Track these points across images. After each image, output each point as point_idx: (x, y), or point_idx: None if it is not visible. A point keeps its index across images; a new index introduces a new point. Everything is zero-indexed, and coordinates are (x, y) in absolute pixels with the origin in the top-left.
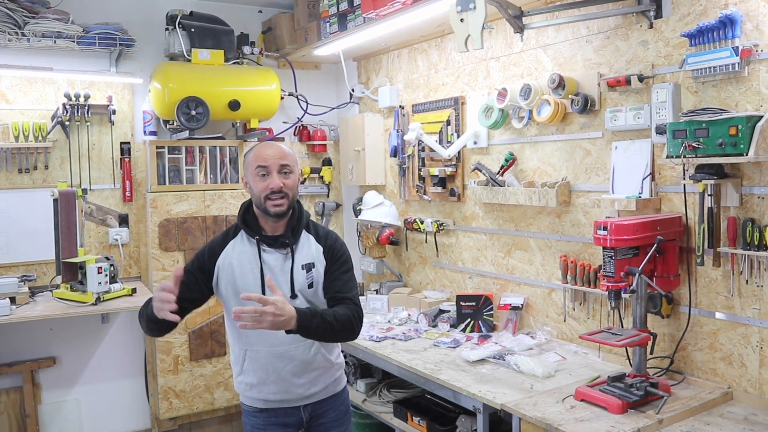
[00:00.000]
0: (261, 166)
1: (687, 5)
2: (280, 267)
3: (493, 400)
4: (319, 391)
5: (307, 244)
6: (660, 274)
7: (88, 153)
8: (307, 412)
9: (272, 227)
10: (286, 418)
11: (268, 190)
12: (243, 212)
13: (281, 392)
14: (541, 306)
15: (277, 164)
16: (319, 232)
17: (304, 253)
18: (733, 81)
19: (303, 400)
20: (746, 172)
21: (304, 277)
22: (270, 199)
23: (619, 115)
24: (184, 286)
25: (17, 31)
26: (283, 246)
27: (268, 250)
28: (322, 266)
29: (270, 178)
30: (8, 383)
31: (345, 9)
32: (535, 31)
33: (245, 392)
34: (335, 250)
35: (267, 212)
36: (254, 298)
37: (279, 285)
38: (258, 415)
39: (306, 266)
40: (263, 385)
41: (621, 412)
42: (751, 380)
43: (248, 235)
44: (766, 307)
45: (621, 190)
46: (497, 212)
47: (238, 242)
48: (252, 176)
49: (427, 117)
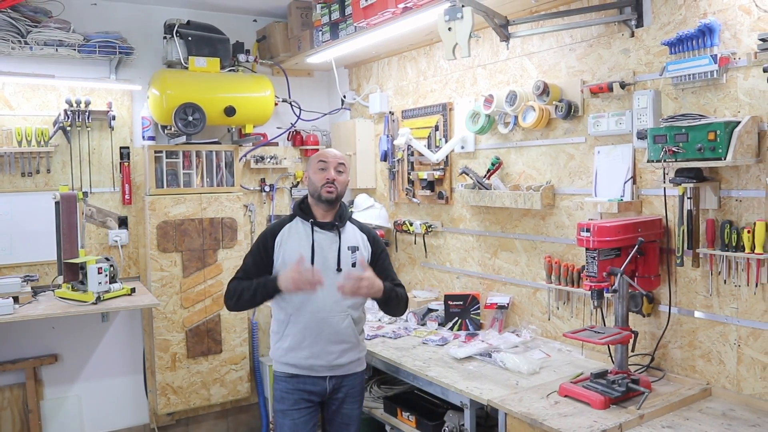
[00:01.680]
0: (322, 161)
1: (667, 15)
2: (329, 246)
3: (479, 396)
4: (344, 364)
5: (352, 231)
6: (641, 275)
7: (89, 157)
8: (331, 384)
9: (323, 214)
10: (312, 386)
11: (324, 180)
12: (299, 203)
13: (312, 357)
14: (526, 305)
15: (335, 162)
16: (361, 224)
17: (350, 237)
18: (712, 88)
19: (329, 370)
20: (724, 176)
21: (349, 257)
22: (325, 187)
23: (601, 121)
24: (259, 267)
25: (20, 39)
26: (332, 228)
27: (320, 231)
28: (366, 251)
29: (327, 171)
30: (11, 380)
31: (337, 18)
32: (520, 40)
33: (280, 358)
34: (377, 239)
35: (320, 198)
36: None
37: (326, 260)
38: (288, 380)
39: (351, 248)
40: (298, 349)
41: (603, 407)
42: (729, 377)
43: (303, 219)
44: (743, 306)
45: (603, 193)
46: (484, 214)
47: (293, 225)
48: (313, 170)
49: (416, 122)
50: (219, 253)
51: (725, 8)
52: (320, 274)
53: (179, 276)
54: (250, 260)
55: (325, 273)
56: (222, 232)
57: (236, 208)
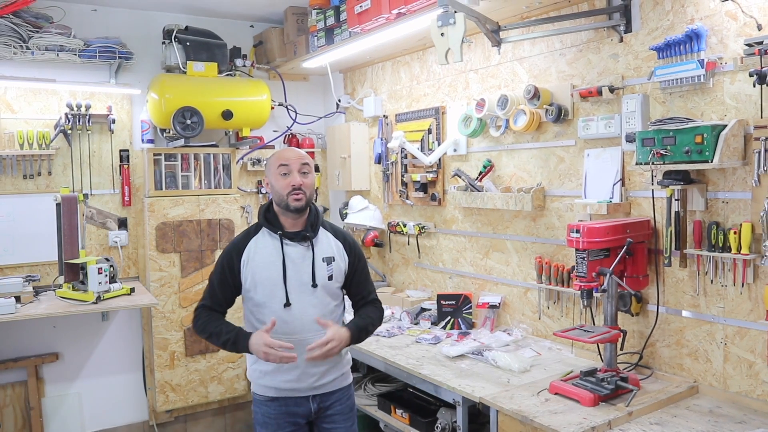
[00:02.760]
0: (283, 164)
1: (655, 20)
2: (301, 259)
3: (471, 394)
4: (328, 382)
5: (326, 240)
6: (630, 275)
7: (89, 160)
8: (315, 403)
9: (292, 224)
10: (296, 407)
11: (290, 187)
12: (264, 212)
13: (293, 381)
14: (517, 304)
15: (297, 164)
16: (335, 229)
17: (324, 247)
18: (699, 92)
19: (313, 390)
20: (711, 178)
21: (324, 269)
22: (291, 195)
23: (591, 124)
24: (224, 287)
25: (22, 44)
26: (304, 239)
27: (290, 244)
28: (343, 261)
29: (291, 176)
30: (13, 377)
31: (332, 24)
32: (511, 45)
33: (258, 380)
34: (356, 247)
35: (288, 207)
36: (315, 346)
37: (300, 275)
38: (269, 404)
39: (326, 259)
40: (277, 372)
41: (593, 404)
42: (716, 375)
43: (270, 231)
44: (729, 305)
45: (593, 195)
46: (476, 216)
47: (260, 239)
48: (274, 176)
49: (410, 126)
50: (216, 254)
51: (712, 14)
52: (293, 353)
53: (178, 276)
54: (216, 282)
55: (300, 289)
56: (219, 233)
57: (233, 210)
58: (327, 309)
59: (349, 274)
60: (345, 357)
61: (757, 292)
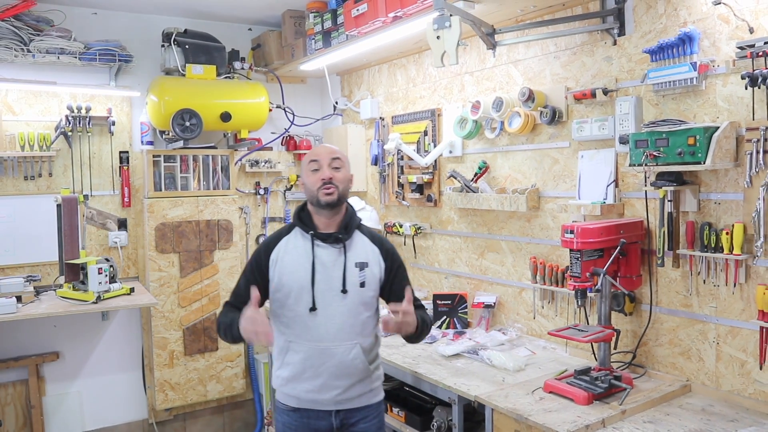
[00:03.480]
0: (313, 161)
1: (648, 23)
2: (332, 262)
3: (467, 392)
4: (353, 397)
5: (361, 244)
6: (623, 275)
7: (89, 161)
8: (338, 419)
9: (326, 224)
10: (317, 420)
11: (320, 182)
12: (298, 211)
13: (314, 391)
14: (512, 304)
15: (327, 158)
16: (372, 234)
17: (358, 251)
18: (692, 94)
19: (335, 404)
20: (704, 179)
21: (356, 275)
22: (322, 189)
23: (584, 126)
24: (250, 286)
25: (23, 47)
26: (337, 241)
27: (322, 245)
28: (378, 267)
29: (321, 171)
30: (15, 376)
31: (329, 27)
32: (506, 48)
33: (281, 387)
34: (393, 252)
35: (319, 203)
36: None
37: (330, 279)
38: (291, 414)
39: (359, 264)
40: (298, 380)
41: (587, 403)
42: (708, 373)
43: (302, 231)
44: (722, 305)
45: (587, 196)
46: (471, 217)
47: (292, 238)
48: (306, 173)
49: (406, 128)
50: (215, 254)
51: (704, 17)
52: (269, 333)
53: (177, 276)
54: (242, 281)
55: (328, 294)
56: (218, 234)
57: (232, 211)
58: (357, 318)
59: (386, 282)
60: (375, 372)
61: (748, 292)
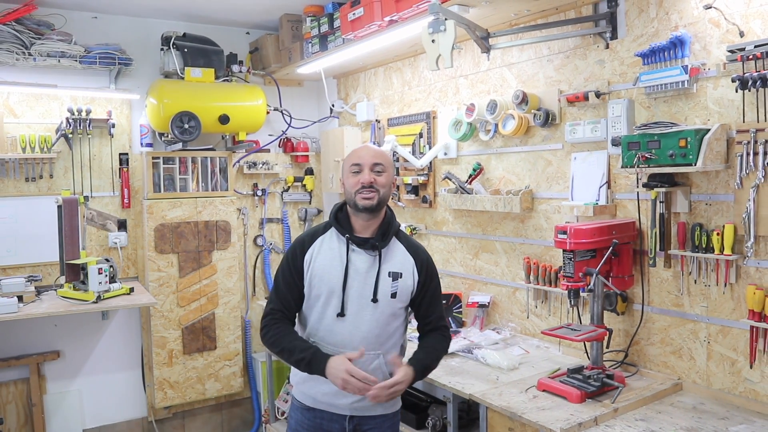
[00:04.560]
0: (355, 164)
1: (640, 27)
2: (366, 269)
3: (462, 391)
4: (368, 406)
5: (397, 253)
6: (615, 275)
7: (90, 163)
8: (351, 424)
9: (362, 227)
10: (330, 423)
11: (359, 185)
12: (336, 211)
13: (332, 394)
14: (506, 304)
15: (370, 162)
16: (410, 242)
17: (394, 260)
18: (683, 97)
19: (351, 410)
20: (695, 181)
21: (389, 285)
22: (360, 194)
23: (577, 129)
24: (292, 288)
25: (24, 51)
26: (373, 248)
27: (357, 250)
28: (411, 279)
29: (362, 174)
30: (16, 375)
31: (326, 31)
32: (500, 51)
33: (299, 384)
34: (429, 265)
35: (357, 207)
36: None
37: (362, 287)
38: (305, 412)
39: (393, 274)
40: (317, 380)
41: (580, 401)
42: (699, 372)
43: (338, 233)
44: (712, 304)
45: (579, 198)
46: (466, 218)
47: (327, 239)
48: (346, 174)
49: (401, 130)
50: (213, 254)
51: (696, 21)
52: (372, 385)
53: (176, 276)
54: (281, 281)
55: (358, 302)
56: (216, 235)
57: (230, 212)
58: (384, 329)
59: (417, 295)
60: None
61: (739, 292)
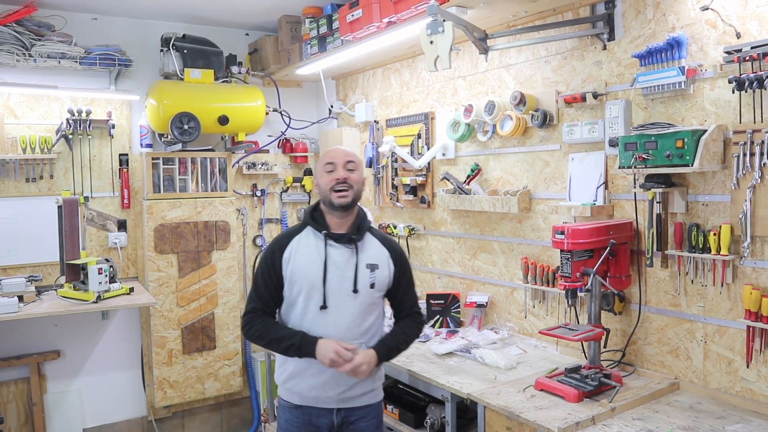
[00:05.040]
0: (329, 163)
1: (638, 29)
2: (344, 262)
3: (460, 390)
4: (355, 396)
5: (372, 245)
6: (613, 275)
7: (90, 164)
8: (339, 417)
9: (337, 224)
10: (319, 418)
11: (333, 181)
12: (311, 210)
13: (318, 388)
14: (504, 304)
15: (342, 160)
16: (383, 236)
17: (370, 253)
18: (680, 98)
19: (337, 402)
20: (692, 182)
21: (367, 276)
22: (335, 191)
23: (575, 129)
24: (271, 288)
25: (25, 52)
26: (349, 242)
27: (334, 245)
28: (388, 270)
29: (336, 172)
30: (16, 374)
31: (324, 32)
32: (498, 53)
33: (284, 383)
34: (403, 257)
35: (332, 204)
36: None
37: (342, 279)
38: (293, 411)
39: (370, 266)
40: (302, 376)
41: (577, 400)
42: (696, 372)
43: (315, 230)
44: (709, 304)
45: (577, 198)
46: (464, 218)
47: (303, 237)
48: (320, 173)
49: (400, 131)
50: (213, 255)
51: (692, 23)
52: (354, 355)
53: (175, 276)
54: (260, 281)
55: (339, 294)
56: (216, 235)
57: (229, 212)
58: (365, 318)
59: (393, 286)
60: (377, 373)
61: (735, 292)
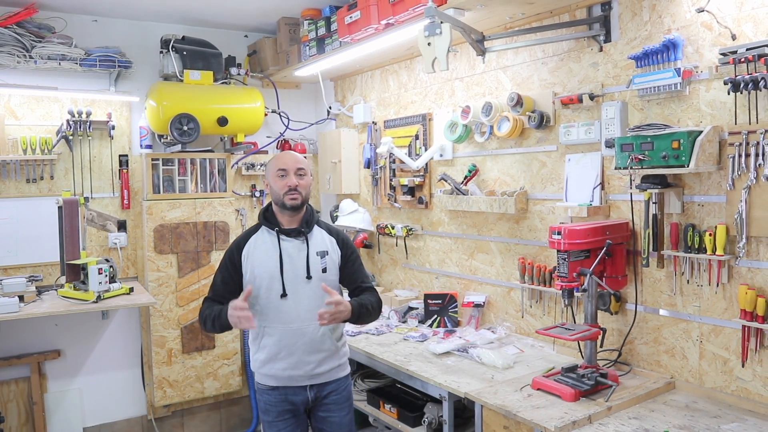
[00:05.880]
0: (281, 169)
1: (634, 30)
2: (297, 253)
3: (457, 389)
4: (324, 372)
5: (320, 236)
6: (609, 275)
7: (90, 164)
8: (312, 392)
9: (288, 221)
10: (294, 396)
11: (286, 187)
12: (263, 211)
13: (290, 368)
14: (501, 303)
15: (293, 167)
16: (329, 227)
17: (318, 242)
18: (676, 99)
19: (309, 379)
20: (687, 182)
21: (318, 262)
22: (287, 195)
23: (571, 131)
24: (228, 283)
25: (25, 54)
26: (299, 234)
27: (287, 239)
28: (336, 255)
29: (288, 178)
30: (17, 374)
31: (323, 34)
32: (495, 54)
33: (259, 369)
34: (347, 241)
35: (285, 206)
36: (334, 300)
37: (296, 268)
38: (270, 392)
39: (320, 253)
40: (275, 360)
41: (574, 400)
42: (692, 371)
43: (268, 229)
44: (705, 304)
45: (573, 199)
46: (461, 218)
47: (259, 236)
48: (273, 177)
49: (398, 132)
50: (212, 255)
51: (688, 24)
52: (249, 317)
53: (175, 276)
54: (219, 278)
55: (295, 281)
56: (215, 235)
57: (228, 213)
58: (322, 300)
59: (342, 266)
60: (342, 348)
61: (731, 292)
